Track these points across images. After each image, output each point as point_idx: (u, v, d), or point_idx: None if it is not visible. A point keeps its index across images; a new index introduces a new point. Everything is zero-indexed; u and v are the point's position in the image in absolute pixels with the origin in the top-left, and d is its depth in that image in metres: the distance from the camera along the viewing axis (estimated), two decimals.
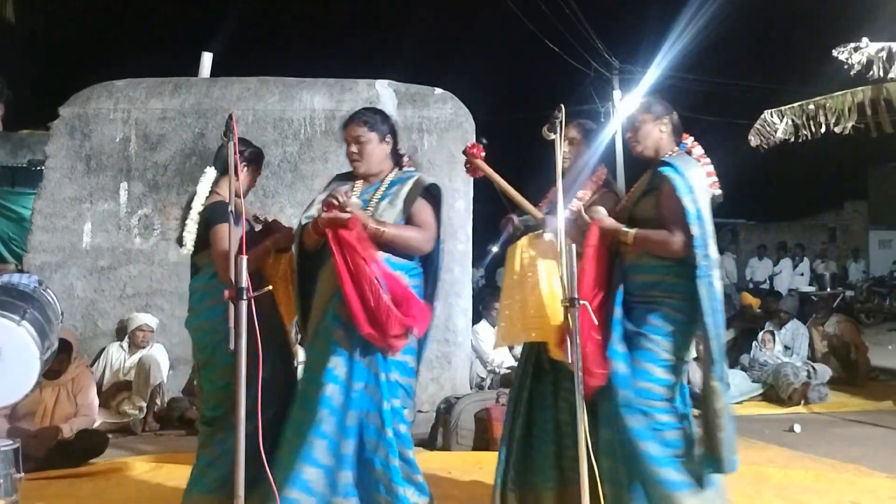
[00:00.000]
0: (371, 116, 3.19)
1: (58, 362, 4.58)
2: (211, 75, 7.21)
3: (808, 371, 6.96)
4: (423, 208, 3.09)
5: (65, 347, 4.51)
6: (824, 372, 7.10)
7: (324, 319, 3.00)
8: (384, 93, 6.37)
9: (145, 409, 5.52)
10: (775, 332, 7.71)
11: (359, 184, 3.18)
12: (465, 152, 3.35)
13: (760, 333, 7.65)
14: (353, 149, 3.14)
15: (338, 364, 2.90)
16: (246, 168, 3.40)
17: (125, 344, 5.88)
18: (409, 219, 3.07)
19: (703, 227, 2.88)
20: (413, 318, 2.90)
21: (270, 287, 2.86)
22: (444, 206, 3.21)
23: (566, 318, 2.75)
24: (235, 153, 2.69)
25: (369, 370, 2.92)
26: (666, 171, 2.97)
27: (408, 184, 3.11)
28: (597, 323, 2.87)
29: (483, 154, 3.32)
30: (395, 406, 2.93)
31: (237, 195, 2.80)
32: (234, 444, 2.45)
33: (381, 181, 3.16)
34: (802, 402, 6.69)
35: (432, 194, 3.14)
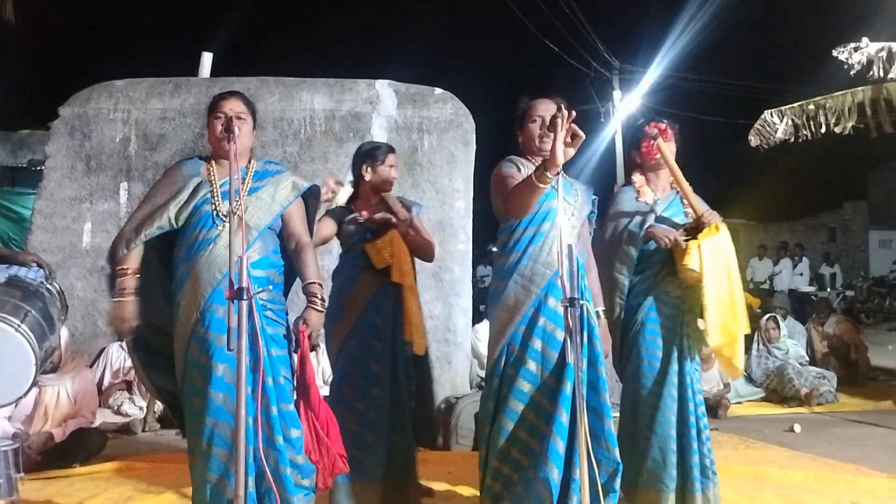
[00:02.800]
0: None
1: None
2: (211, 75, 7.20)
3: (816, 374, 6.92)
4: None
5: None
6: (832, 378, 7.07)
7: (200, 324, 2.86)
8: (384, 93, 6.35)
9: (145, 409, 5.51)
10: (778, 318, 7.44)
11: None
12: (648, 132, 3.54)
13: (763, 321, 7.27)
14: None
15: (225, 370, 2.77)
16: None
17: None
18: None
19: None
20: None
21: (270, 287, 2.86)
22: (444, 206, 3.22)
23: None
24: (236, 154, 2.72)
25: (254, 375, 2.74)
26: None
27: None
28: None
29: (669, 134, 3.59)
30: (283, 410, 2.84)
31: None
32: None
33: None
34: (815, 402, 6.66)
35: None
